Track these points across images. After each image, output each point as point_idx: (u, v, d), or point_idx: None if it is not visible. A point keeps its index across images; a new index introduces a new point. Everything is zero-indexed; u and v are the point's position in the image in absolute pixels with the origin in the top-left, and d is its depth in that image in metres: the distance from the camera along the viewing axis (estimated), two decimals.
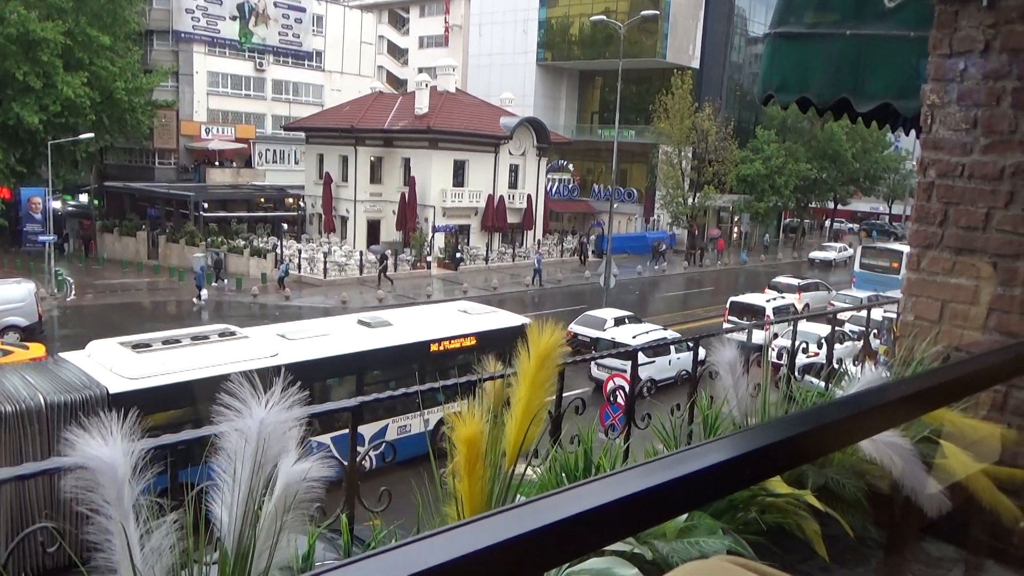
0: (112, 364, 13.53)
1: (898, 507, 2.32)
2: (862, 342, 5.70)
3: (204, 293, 32.98)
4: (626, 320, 26.23)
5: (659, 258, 45.38)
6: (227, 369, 12.33)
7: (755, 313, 27.04)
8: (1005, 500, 2.40)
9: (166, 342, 14.91)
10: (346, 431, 2.70)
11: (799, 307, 30.56)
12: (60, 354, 14.85)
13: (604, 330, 24.87)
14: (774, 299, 29.51)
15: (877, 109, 3.73)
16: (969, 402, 2.65)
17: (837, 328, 7.28)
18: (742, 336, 6.96)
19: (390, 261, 37.57)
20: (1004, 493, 2.42)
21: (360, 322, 17.74)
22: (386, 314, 19.08)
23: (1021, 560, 2.60)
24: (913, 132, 3.92)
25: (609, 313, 26.86)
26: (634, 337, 22.63)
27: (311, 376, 15.36)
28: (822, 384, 3.70)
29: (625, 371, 18.20)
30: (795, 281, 35.38)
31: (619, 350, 12.77)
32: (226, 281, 35.25)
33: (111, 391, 12.69)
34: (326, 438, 13.90)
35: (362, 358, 16.38)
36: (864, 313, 7.76)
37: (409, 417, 16.16)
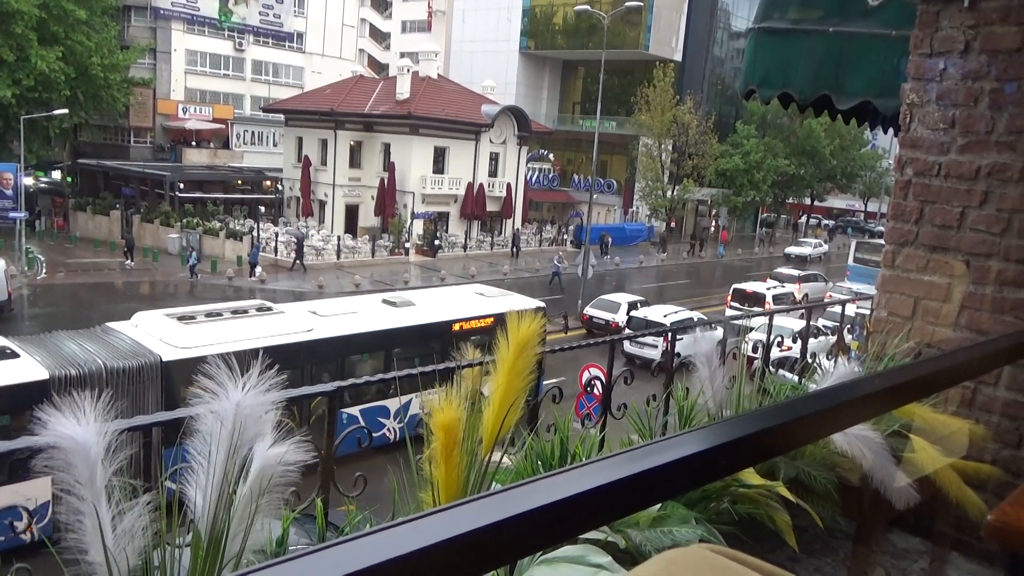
0: (162, 334, 14.33)
1: (867, 499, 2.36)
2: (836, 337, 5.76)
3: (259, 269, 33.72)
4: (638, 305, 27.82)
5: (605, 250, 44.43)
6: (268, 342, 14.12)
7: (757, 300, 28.73)
8: (971, 494, 2.44)
9: (208, 315, 15.69)
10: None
11: (798, 296, 32.19)
12: (108, 324, 15.39)
13: (617, 313, 26.90)
14: (774, 287, 31.29)
15: (857, 106, 3.76)
16: (939, 398, 2.70)
17: (811, 323, 7.35)
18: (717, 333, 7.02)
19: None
20: (970, 487, 2.47)
21: (385, 301, 18.53)
22: (408, 294, 20.04)
23: (985, 552, 2.65)
24: (891, 130, 3.96)
25: (623, 298, 28.68)
26: (665, 316, 24.80)
27: (343, 351, 16.50)
28: (796, 378, 3.75)
29: (656, 346, 21.09)
30: (795, 272, 37.39)
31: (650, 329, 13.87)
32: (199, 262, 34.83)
33: (164, 359, 13.59)
34: (355, 410, 14.94)
35: (389, 336, 17.08)
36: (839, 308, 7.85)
37: (432, 392, 17.10)
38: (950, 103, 2.94)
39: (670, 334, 4.78)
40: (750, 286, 30.95)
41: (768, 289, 30.63)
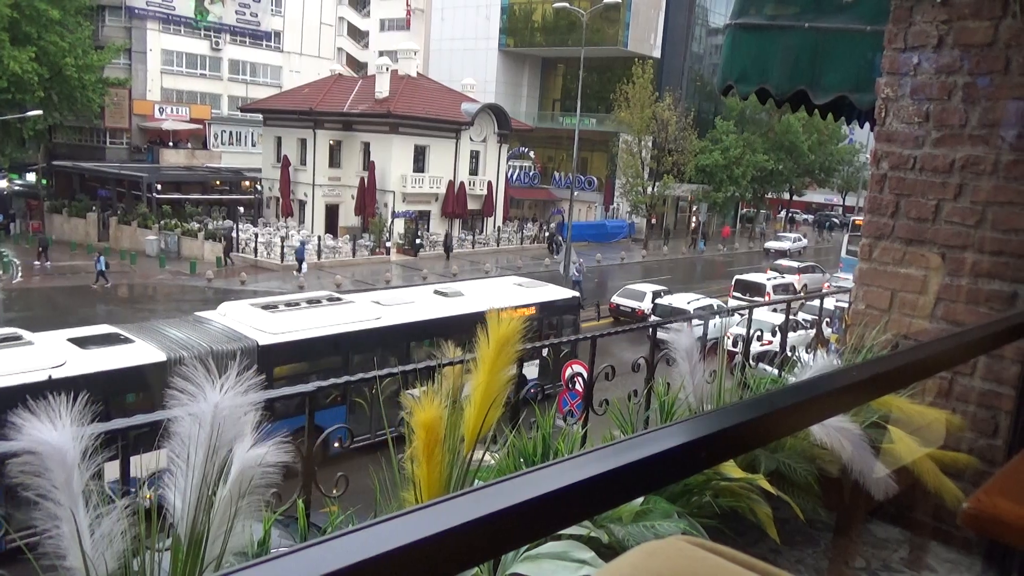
0: (252, 321, 15.39)
1: (847, 490, 2.38)
2: (815, 330, 5.81)
3: (304, 268, 33.91)
4: (661, 293, 29.25)
5: (556, 248, 43.42)
6: (344, 328, 15.79)
7: (757, 290, 30.11)
8: (948, 483, 2.47)
9: (288, 304, 16.90)
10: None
11: (798, 287, 33.68)
12: (197, 313, 16.60)
13: (643, 301, 28.53)
14: (774, 278, 32.43)
15: (833, 101, 3.79)
16: (916, 389, 2.73)
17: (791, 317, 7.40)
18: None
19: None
20: (948, 476, 2.50)
21: (436, 292, 19.78)
22: (455, 286, 21.30)
23: (963, 540, 2.69)
24: (867, 124, 4.00)
25: (647, 287, 30.40)
26: (688, 303, 26.21)
27: (408, 337, 17.61)
28: (775, 371, 3.77)
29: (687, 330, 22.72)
30: (795, 264, 39.00)
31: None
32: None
33: (260, 343, 14.64)
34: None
35: (445, 323, 17.65)
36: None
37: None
38: (924, 97, 2.97)
39: (650, 328, 4.80)
40: (752, 277, 32.16)
41: (768, 280, 31.65)
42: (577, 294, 22.07)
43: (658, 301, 27.93)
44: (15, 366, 11.89)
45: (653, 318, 24.37)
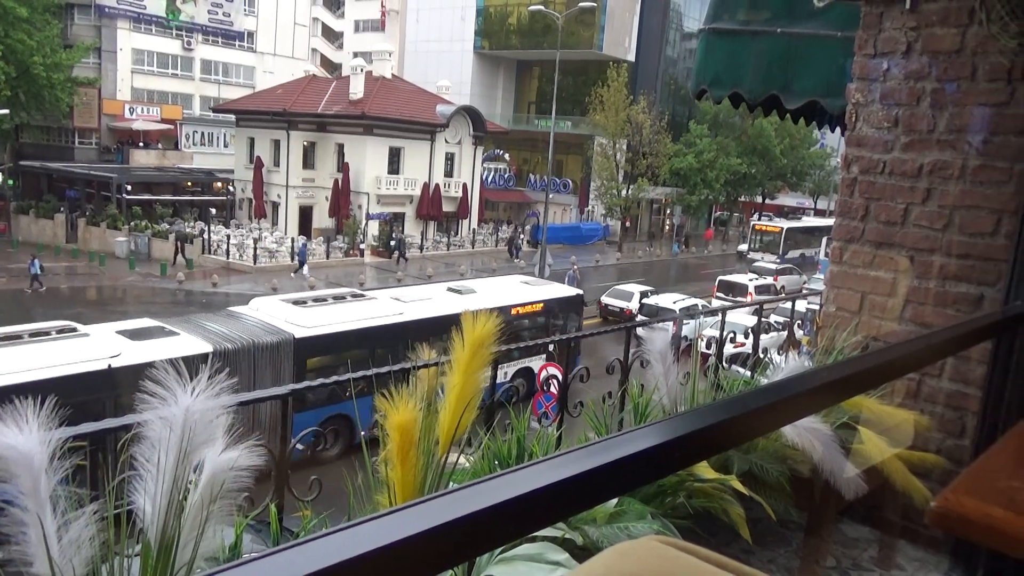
0: (286, 316, 16.04)
1: (818, 490, 2.40)
2: (787, 332, 5.87)
3: (306, 269, 33.98)
4: (648, 294, 30.01)
5: (515, 251, 43.49)
6: (370, 323, 16.63)
7: (740, 290, 31.43)
8: (917, 483, 2.51)
9: (316, 300, 17.61)
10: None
11: (778, 287, 35.15)
12: (230, 308, 17.28)
13: (630, 301, 29.30)
14: (755, 279, 33.81)
15: (805, 106, 3.84)
16: (886, 390, 2.77)
17: (763, 319, 7.47)
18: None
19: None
20: (916, 476, 2.54)
21: (450, 289, 20.20)
22: (467, 283, 21.94)
23: (931, 539, 2.73)
24: (839, 129, 4.05)
25: (635, 288, 31.22)
26: (674, 303, 27.30)
27: (428, 332, 18.17)
28: (748, 373, 3.80)
29: (667, 330, 24.10)
30: (773, 266, 40.12)
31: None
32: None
33: (296, 336, 15.35)
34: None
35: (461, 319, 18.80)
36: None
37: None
38: (893, 102, 3.02)
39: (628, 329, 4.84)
40: (734, 278, 33.47)
41: (751, 280, 32.94)
42: (581, 291, 22.88)
43: (645, 301, 28.72)
44: (78, 355, 12.46)
45: (640, 317, 25.35)
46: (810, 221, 54.73)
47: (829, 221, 53.09)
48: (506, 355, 3.25)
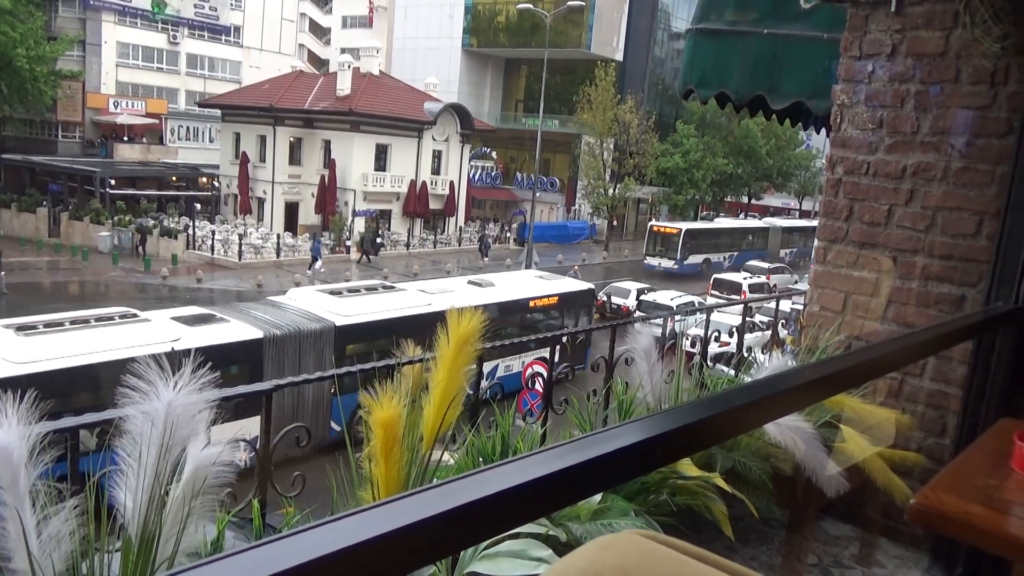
0: (325, 305, 16.73)
1: (800, 488, 2.42)
2: (771, 332, 5.90)
3: (319, 264, 34.48)
4: (645, 291, 30.65)
5: (485, 250, 42.94)
6: (402, 313, 17.20)
7: (735, 288, 32.46)
8: (897, 481, 2.53)
9: (350, 291, 18.42)
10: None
11: (771, 285, 36.05)
12: (270, 298, 18.01)
13: (628, 298, 29.90)
14: (749, 277, 34.91)
15: (790, 107, 3.86)
16: (868, 389, 2.79)
17: (748, 318, 7.51)
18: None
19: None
20: (897, 474, 2.56)
21: (470, 282, 21.15)
22: (487, 277, 22.50)
23: (911, 537, 2.75)
24: (823, 130, 4.08)
25: (632, 285, 31.88)
26: (671, 300, 28.07)
27: None
28: (732, 371, 3.82)
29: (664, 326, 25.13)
30: (765, 265, 40.93)
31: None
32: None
33: (337, 324, 16.08)
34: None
35: (484, 310, 19.61)
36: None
37: (512, 359, 19.71)
38: (878, 104, 3.04)
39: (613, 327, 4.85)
40: (728, 276, 34.53)
41: (745, 279, 33.91)
42: (592, 286, 23.91)
43: (643, 298, 29.40)
44: (144, 338, 13.05)
45: (638, 313, 26.21)
46: (721, 223, 50.83)
47: (737, 223, 53.11)
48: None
